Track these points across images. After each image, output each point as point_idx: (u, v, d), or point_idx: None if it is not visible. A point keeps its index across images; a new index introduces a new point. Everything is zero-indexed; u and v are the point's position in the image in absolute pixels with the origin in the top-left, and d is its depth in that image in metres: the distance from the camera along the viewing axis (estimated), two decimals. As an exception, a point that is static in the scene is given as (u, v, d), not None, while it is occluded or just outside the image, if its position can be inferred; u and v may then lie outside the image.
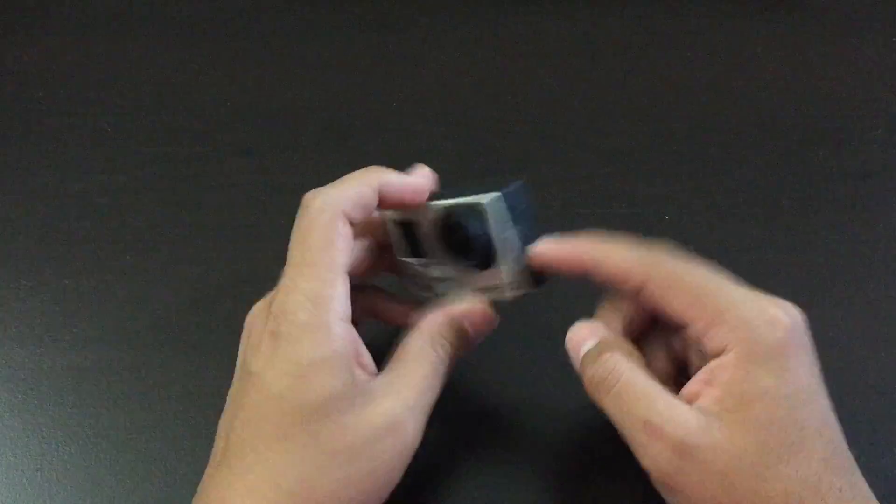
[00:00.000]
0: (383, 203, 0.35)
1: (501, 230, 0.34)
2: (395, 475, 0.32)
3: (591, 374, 0.33)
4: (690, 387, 0.32)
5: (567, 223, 0.36)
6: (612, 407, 0.32)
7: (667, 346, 0.37)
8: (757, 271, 0.45)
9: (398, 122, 0.53)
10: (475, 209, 0.34)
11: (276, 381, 0.31)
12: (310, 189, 0.50)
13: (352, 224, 0.34)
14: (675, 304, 0.32)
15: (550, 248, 0.34)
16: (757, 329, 0.30)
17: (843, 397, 0.33)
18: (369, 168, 0.36)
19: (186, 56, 0.56)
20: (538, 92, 0.54)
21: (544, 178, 0.50)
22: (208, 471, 0.32)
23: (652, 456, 0.31)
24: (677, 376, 0.35)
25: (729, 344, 0.30)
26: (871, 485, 0.31)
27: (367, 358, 0.34)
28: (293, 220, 0.49)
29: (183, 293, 0.45)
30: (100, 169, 0.50)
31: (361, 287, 0.37)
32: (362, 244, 0.37)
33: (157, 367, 0.42)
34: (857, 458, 0.31)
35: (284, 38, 0.57)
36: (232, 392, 0.33)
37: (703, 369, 0.31)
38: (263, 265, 0.47)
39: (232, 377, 0.37)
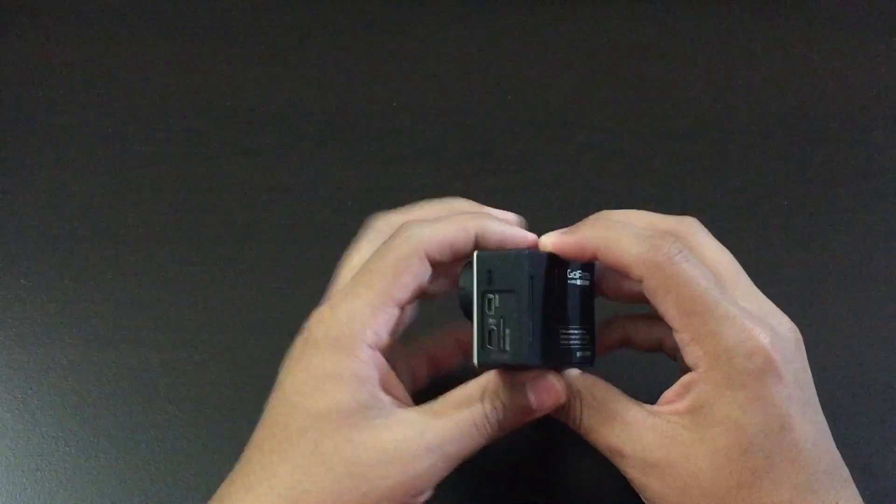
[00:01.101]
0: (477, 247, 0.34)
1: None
2: None
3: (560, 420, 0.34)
4: (667, 394, 0.32)
5: (567, 223, 0.36)
6: (586, 440, 0.33)
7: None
8: (757, 271, 0.46)
9: (398, 122, 0.53)
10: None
11: (292, 389, 0.31)
12: (309, 189, 0.50)
13: (437, 264, 0.33)
14: (665, 309, 0.31)
15: (557, 242, 0.33)
16: (733, 358, 0.30)
17: (844, 397, 0.33)
18: (474, 213, 0.35)
19: (186, 56, 0.56)
20: (538, 92, 0.54)
21: (544, 178, 0.50)
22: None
23: (625, 474, 0.32)
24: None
25: (703, 366, 0.30)
26: (871, 484, 0.31)
27: (400, 390, 0.32)
28: (293, 220, 0.49)
29: (183, 293, 0.45)
30: (100, 169, 0.50)
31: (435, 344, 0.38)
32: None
33: (157, 367, 0.42)
34: (858, 458, 0.31)
35: (284, 38, 0.57)
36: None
37: (679, 381, 0.32)
38: (263, 265, 0.47)
39: (233, 376, 0.37)
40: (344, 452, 0.30)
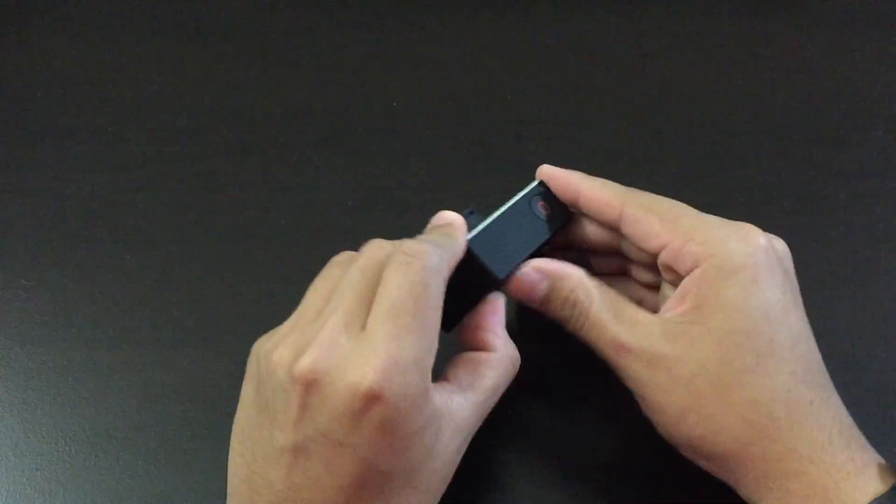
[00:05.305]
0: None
1: None
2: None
3: (559, 316, 0.34)
4: (668, 304, 0.33)
5: (567, 223, 0.36)
6: (586, 338, 0.34)
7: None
8: (757, 271, 0.46)
9: (398, 122, 0.53)
10: None
11: (378, 456, 0.29)
12: (309, 189, 0.50)
13: None
14: (650, 228, 0.33)
15: (551, 172, 0.39)
16: (728, 243, 0.32)
17: (844, 397, 0.33)
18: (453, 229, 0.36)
19: (186, 56, 0.56)
20: (538, 92, 0.54)
21: (544, 178, 0.50)
22: None
23: (626, 372, 0.32)
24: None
25: (700, 259, 0.32)
26: (872, 484, 0.31)
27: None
28: (293, 220, 0.49)
29: (183, 293, 0.45)
30: (100, 169, 0.50)
31: None
32: None
33: (157, 367, 0.42)
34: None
35: (284, 38, 0.57)
36: (294, 453, 0.30)
37: (678, 288, 0.33)
38: (263, 265, 0.47)
39: (233, 376, 0.37)
40: (437, 477, 0.31)
